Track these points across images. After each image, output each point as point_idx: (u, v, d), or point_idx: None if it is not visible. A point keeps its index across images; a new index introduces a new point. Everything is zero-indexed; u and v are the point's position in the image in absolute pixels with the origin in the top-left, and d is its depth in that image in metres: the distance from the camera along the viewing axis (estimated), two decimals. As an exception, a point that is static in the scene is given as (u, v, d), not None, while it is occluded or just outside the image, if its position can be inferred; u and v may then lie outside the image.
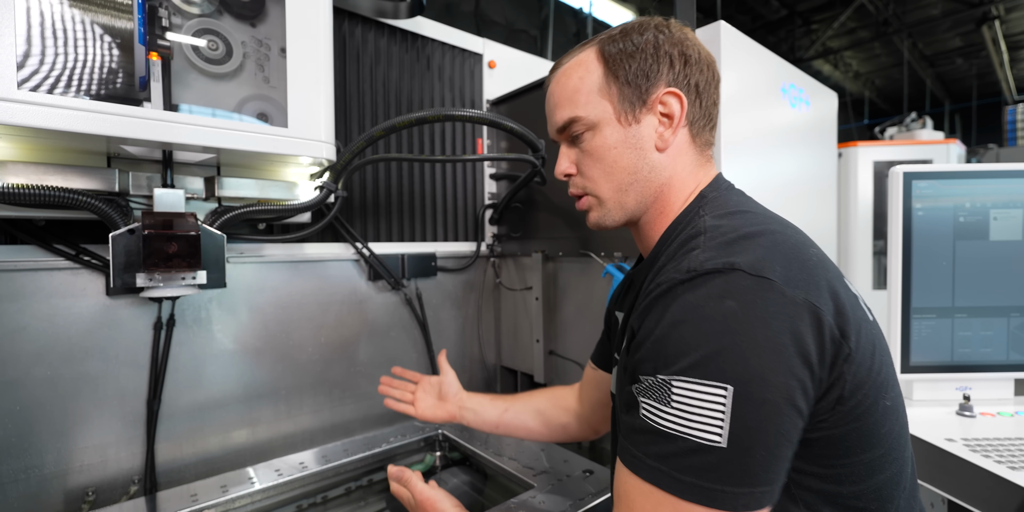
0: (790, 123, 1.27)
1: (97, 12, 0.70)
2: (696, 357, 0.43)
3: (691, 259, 0.48)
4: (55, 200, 0.74)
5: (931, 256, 0.96)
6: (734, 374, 0.42)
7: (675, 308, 0.46)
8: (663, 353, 0.45)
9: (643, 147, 0.58)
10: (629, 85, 0.57)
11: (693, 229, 0.54)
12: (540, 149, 1.12)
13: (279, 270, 1.18)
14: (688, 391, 0.43)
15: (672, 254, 0.53)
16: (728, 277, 0.45)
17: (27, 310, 0.89)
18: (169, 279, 0.81)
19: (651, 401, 0.46)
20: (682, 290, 0.46)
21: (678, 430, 0.43)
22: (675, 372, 0.44)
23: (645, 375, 0.47)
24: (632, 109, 0.58)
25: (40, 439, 0.91)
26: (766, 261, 0.46)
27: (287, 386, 1.21)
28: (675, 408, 0.44)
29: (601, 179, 0.60)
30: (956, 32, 7.58)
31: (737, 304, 0.43)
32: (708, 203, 0.58)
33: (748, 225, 0.52)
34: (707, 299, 0.44)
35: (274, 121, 0.86)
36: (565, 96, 0.60)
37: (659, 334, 0.46)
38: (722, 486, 0.42)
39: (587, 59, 0.59)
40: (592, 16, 5.49)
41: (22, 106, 0.63)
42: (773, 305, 0.43)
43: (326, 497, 1.10)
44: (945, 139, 2.72)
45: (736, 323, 0.43)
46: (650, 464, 0.45)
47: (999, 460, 0.76)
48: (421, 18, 1.34)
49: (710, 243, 0.50)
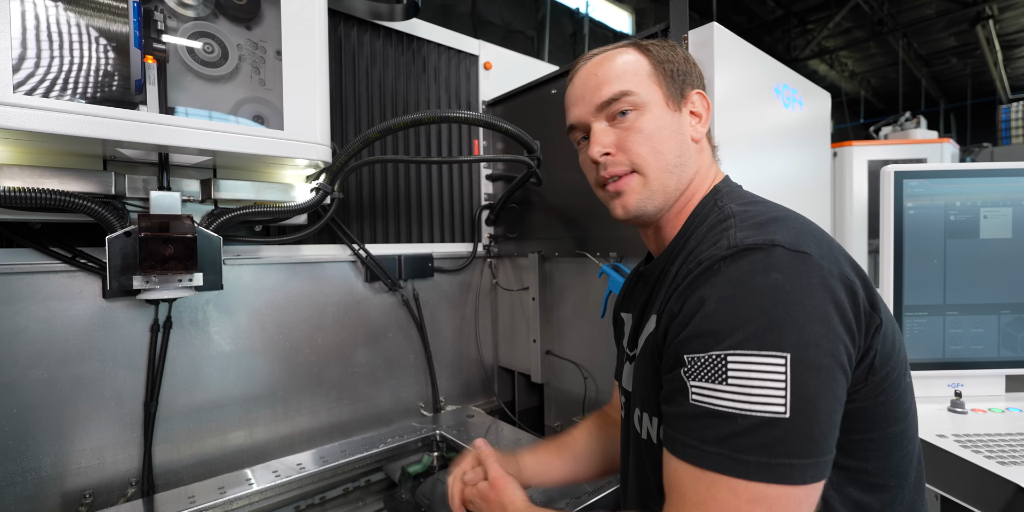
0: (784, 123, 1.28)
1: (92, 16, 0.71)
2: (751, 329, 0.43)
3: (729, 237, 0.49)
4: (51, 203, 0.74)
5: (922, 254, 0.97)
6: (790, 342, 0.42)
7: (720, 283, 0.46)
8: (713, 329, 0.45)
9: (685, 134, 0.62)
10: (673, 79, 0.61)
11: (720, 214, 0.56)
12: (535, 150, 1.12)
13: (276, 272, 1.18)
14: (745, 364, 0.43)
15: (701, 237, 0.55)
16: (770, 252, 0.46)
17: (24, 313, 0.89)
18: (166, 281, 0.81)
19: (703, 382, 0.44)
20: (724, 265, 0.47)
21: (738, 408, 0.42)
22: (730, 346, 0.43)
23: (694, 353, 0.46)
24: (676, 99, 0.61)
25: (37, 442, 0.91)
26: (801, 238, 0.48)
27: (284, 387, 1.21)
28: (732, 384, 0.43)
29: (651, 157, 0.60)
30: (950, 32, 7.62)
31: (783, 276, 0.44)
32: (724, 195, 0.61)
33: (772, 211, 0.54)
34: (752, 273, 0.45)
35: (270, 123, 0.86)
36: (614, 74, 0.61)
37: (708, 310, 0.46)
38: (789, 459, 0.41)
39: (629, 50, 0.62)
40: (589, 17, 5.51)
41: (18, 110, 0.63)
42: (815, 277, 0.45)
43: (324, 498, 1.10)
44: (939, 138, 2.73)
45: (785, 294, 0.43)
46: (709, 450, 0.43)
47: (989, 455, 0.77)
48: (417, 20, 1.35)
49: (743, 224, 0.51)
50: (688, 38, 0.93)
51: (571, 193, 1.29)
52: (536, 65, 1.63)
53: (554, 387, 1.45)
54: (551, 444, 0.83)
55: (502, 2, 5.06)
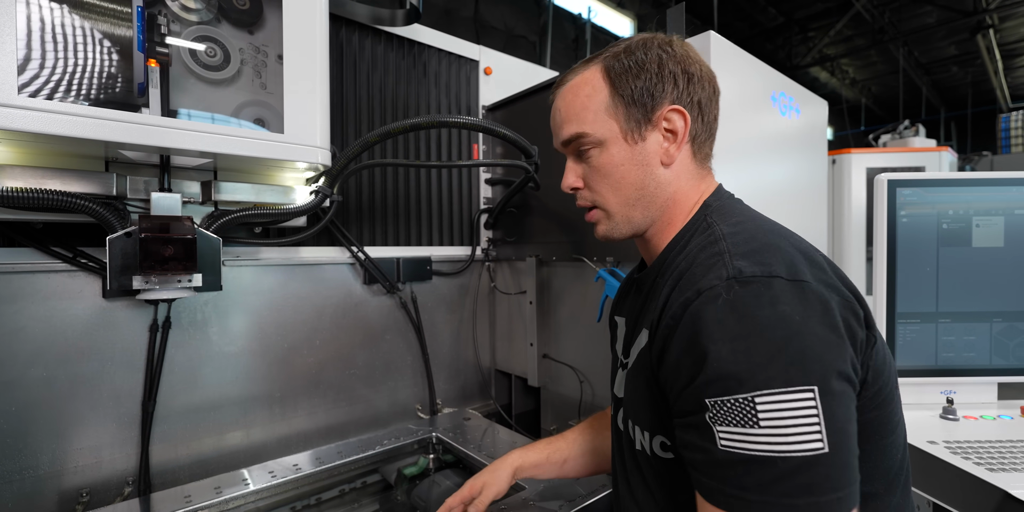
0: (780, 131, 1.29)
1: (97, 20, 0.72)
2: (774, 367, 0.42)
3: (726, 265, 0.48)
4: (53, 203, 0.75)
5: (915, 262, 0.98)
6: (813, 374, 0.42)
7: (728, 321, 0.44)
8: (734, 371, 0.43)
9: (649, 163, 0.60)
10: (635, 104, 0.58)
11: (709, 235, 0.55)
12: (533, 155, 1.13)
13: (275, 273, 1.19)
14: (775, 404, 0.41)
15: (692, 258, 0.53)
16: (770, 284, 0.45)
17: (24, 312, 0.90)
18: (165, 282, 0.82)
19: (732, 427, 0.43)
20: (727, 300, 0.45)
21: (777, 451, 0.41)
22: (755, 387, 0.42)
23: (717, 397, 0.44)
24: (638, 127, 0.59)
25: (35, 440, 0.92)
26: (796, 265, 0.48)
27: (282, 388, 1.21)
28: (765, 426, 0.41)
29: (609, 194, 0.61)
30: (951, 41, 7.67)
31: (789, 308, 0.44)
32: (714, 211, 0.60)
33: (763, 232, 0.53)
34: (759, 308, 0.44)
35: (271, 126, 0.87)
36: (572, 113, 0.62)
37: (723, 352, 0.44)
38: (836, 493, 0.40)
39: (592, 77, 0.61)
40: (591, 22, 5.54)
41: (22, 112, 0.65)
42: (818, 303, 0.45)
43: (320, 499, 1.11)
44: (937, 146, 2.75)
45: (796, 325, 0.43)
46: (754, 499, 0.41)
47: (978, 462, 0.77)
48: (418, 25, 1.36)
49: (736, 249, 0.50)
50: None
51: (568, 198, 1.29)
52: (536, 70, 1.65)
53: (550, 391, 1.45)
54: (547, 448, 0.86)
55: (505, 7, 5.10)
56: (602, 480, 0.98)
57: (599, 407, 1.29)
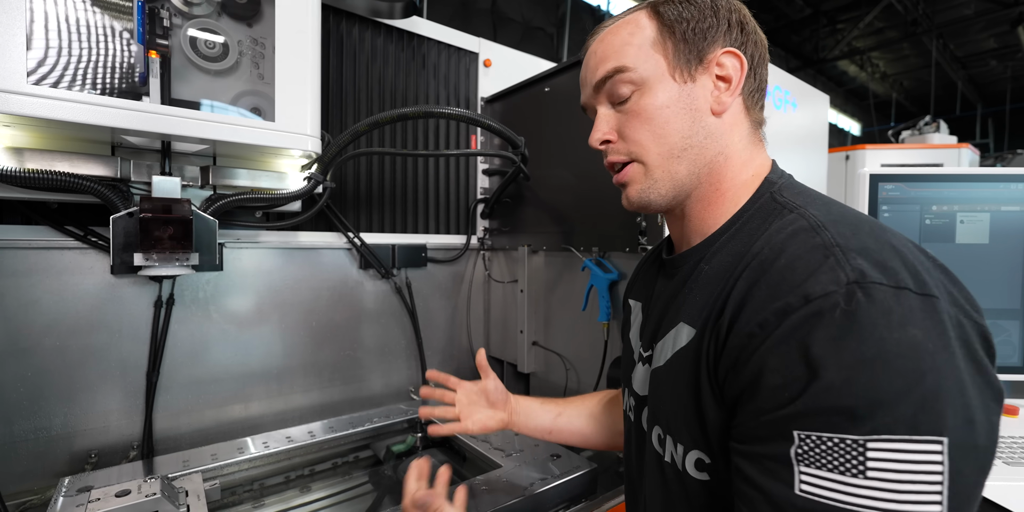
0: (775, 126, 1.28)
1: (100, 12, 0.77)
2: (901, 409, 0.34)
3: (841, 266, 0.38)
4: (63, 184, 0.82)
5: (896, 257, 0.98)
6: (945, 422, 0.34)
7: (849, 342, 0.35)
8: (847, 405, 0.35)
9: (698, 108, 0.52)
10: (685, 41, 0.51)
11: (797, 219, 0.45)
12: (520, 146, 1.16)
13: (274, 256, 1.25)
14: (893, 453, 0.34)
15: (780, 247, 0.43)
16: (899, 297, 0.36)
17: (39, 285, 0.97)
18: (165, 259, 0.88)
19: (825, 472, 0.35)
20: (846, 314, 0.36)
21: (881, 507, 0.34)
22: (872, 430, 0.34)
23: (814, 432, 0.36)
24: (688, 66, 0.51)
25: (49, 403, 1.00)
26: (921, 274, 0.38)
27: (279, 366, 1.28)
28: (874, 479, 0.34)
29: (650, 143, 0.52)
30: (990, 33, 7.33)
31: (922, 333, 0.35)
32: (783, 189, 0.51)
33: (868, 224, 0.44)
34: (889, 330, 0.35)
35: (266, 115, 0.92)
36: (612, 50, 0.54)
37: (835, 381, 0.35)
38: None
39: (637, 17, 0.54)
40: (610, 13, 5.48)
41: (31, 99, 0.70)
42: (952, 329, 0.36)
43: (313, 470, 1.17)
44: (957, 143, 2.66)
45: (929, 357, 0.34)
46: None
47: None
48: (417, 18, 1.39)
49: (848, 244, 0.40)
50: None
51: (559, 189, 1.32)
52: (535, 62, 1.66)
53: (540, 377, 1.49)
54: (546, 400, 0.86)
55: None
56: (576, 462, 1.02)
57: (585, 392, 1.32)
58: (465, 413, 0.82)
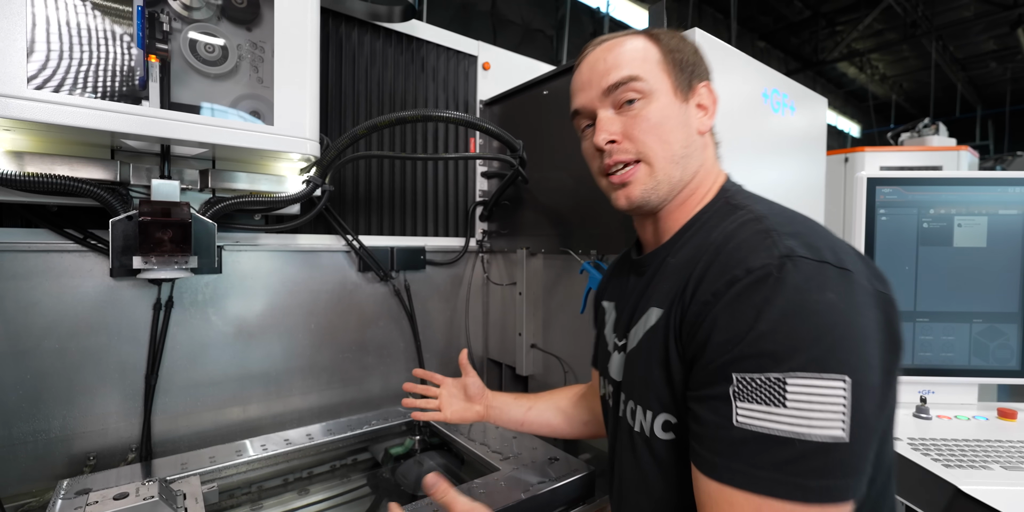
0: (772, 129, 1.28)
1: (101, 18, 0.77)
2: (813, 352, 0.42)
3: (776, 245, 0.47)
4: (63, 188, 0.82)
5: (893, 260, 0.98)
6: (849, 364, 0.42)
7: (777, 300, 0.44)
8: (771, 349, 0.43)
9: (691, 126, 0.61)
10: (681, 70, 0.60)
11: (746, 213, 0.54)
12: (518, 149, 1.16)
13: (273, 259, 1.25)
14: (806, 387, 0.42)
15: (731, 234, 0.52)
16: (821, 268, 0.45)
17: (39, 288, 0.98)
18: (164, 263, 0.88)
19: (755, 405, 0.43)
20: (777, 280, 0.45)
21: (797, 432, 0.41)
22: (790, 368, 0.42)
23: (747, 373, 0.44)
24: (684, 89, 0.61)
25: (48, 406, 1.00)
26: (840, 254, 0.47)
27: (278, 369, 1.28)
28: (792, 408, 0.42)
29: (657, 146, 0.59)
30: (990, 35, 7.34)
31: (836, 296, 0.44)
32: (734, 195, 0.61)
33: (800, 217, 0.54)
34: (808, 292, 0.44)
35: (266, 119, 0.92)
36: (624, 59, 0.60)
37: (764, 329, 0.44)
38: (846, 479, 0.41)
39: (640, 39, 0.62)
40: (609, 16, 5.50)
41: (32, 103, 0.71)
42: (861, 295, 0.45)
43: (311, 472, 1.17)
44: (957, 146, 2.66)
45: (840, 315, 0.43)
46: (764, 476, 0.42)
47: (936, 458, 0.78)
48: (416, 21, 1.40)
49: (783, 229, 0.50)
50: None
51: (557, 192, 1.32)
52: (534, 65, 1.67)
53: (538, 380, 1.49)
54: (519, 395, 0.98)
55: (522, 1, 5.09)
56: (574, 465, 1.02)
57: (582, 397, 1.32)
58: (445, 404, 0.93)
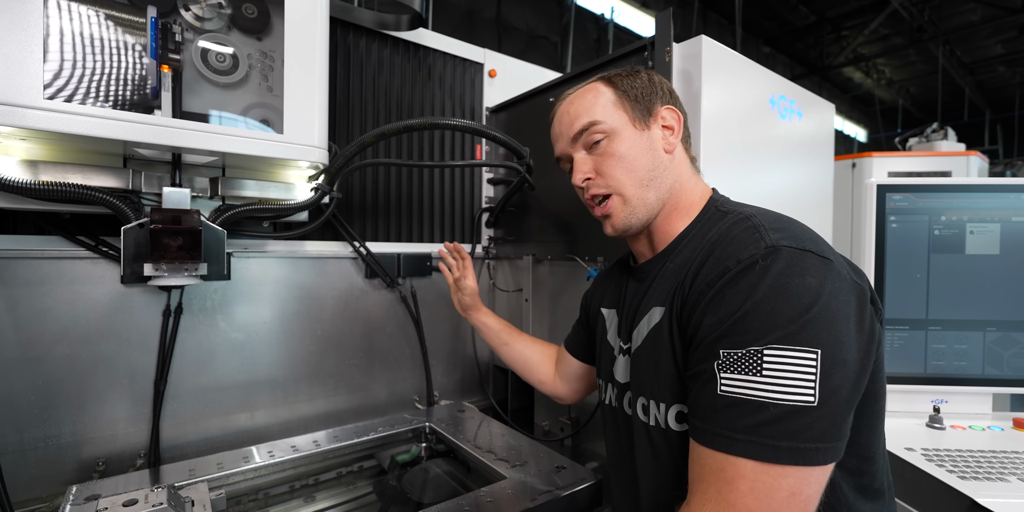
0: (780, 135, 1.28)
1: (115, 29, 0.79)
2: (792, 327, 0.47)
3: (764, 236, 0.54)
4: (76, 196, 0.83)
5: (905, 268, 0.97)
6: (821, 339, 0.47)
7: (761, 284, 0.50)
8: (753, 327, 0.49)
9: (655, 148, 0.68)
10: (637, 101, 0.68)
11: (737, 216, 0.61)
12: (525, 156, 1.17)
13: (281, 265, 1.26)
14: (780, 358, 0.47)
15: (724, 233, 0.59)
16: (803, 256, 0.51)
17: (51, 294, 0.99)
18: (174, 270, 0.89)
19: (736, 374, 0.49)
20: (764, 265, 0.51)
21: (771, 397, 0.47)
22: (769, 342, 0.48)
23: (731, 348, 0.50)
24: (643, 118, 0.68)
25: (59, 411, 1.00)
26: (820, 245, 0.54)
27: (284, 375, 1.28)
28: (767, 376, 0.47)
29: (624, 176, 0.67)
30: (997, 39, 7.30)
31: (815, 280, 0.49)
32: (723, 203, 0.67)
33: (785, 217, 0.60)
34: (790, 277, 0.50)
35: (275, 127, 0.93)
36: (583, 109, 0.69)
37: (748, 309, 0.49)
38: (815, 444, 0.46)
39: (594, 86, 0.71)
40: (613, 22, 5.52)
41: (47, 113, 0.72)
42: (838, 281, 0.50)
43: (317, 479, 1.17)
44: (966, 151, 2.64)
45: (817, 296, 0.48)
46: (740, 438, 0.47)
47: (952, 470, 0.77)
48: (423, 29, 1.41)
49: (770, 225, 0.56)
50: (671, 51, 0.96)
51: (564, 199, 1.33)
52: (540, 72, 1.68)
53: (544, 387, 1.48)
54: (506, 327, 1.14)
55: (526, 8, 5.13)
56: (582, 473, 1.01)
57: (589, 404, 1.32)
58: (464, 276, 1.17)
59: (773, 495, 0.45)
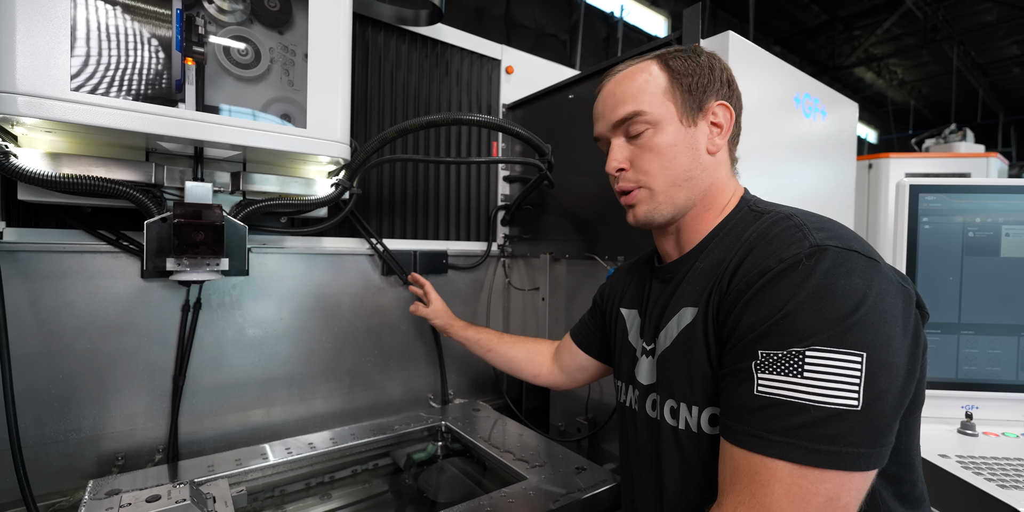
0: (804, 134, 1.26)
1: (140, 21, 0.78)
2: (838, 329, 0.45)
3: (807, 237, 0.52)
4: (99, 189, 0.82)
5: (937, 270, 0.95)
6: (867, 342, 0.45)
7: (806, 284, 0.48)
8: (796, 328, 0.47)
9: (698, 148, 0.64)
10: (690, 93, 0.64)
11: (775, 215, 0.58)
12: (546, 153, 1.15)
13: (298, 261, 1.25)
14: (824, 360, 0.45)
15: (764, 232, 0.57)
16: (849, 256, 0.49)
17: (73, 288, 0.98)
18: (195, 265, 0.88)
19: (775, 375, 0.47)
20: (807, 267, 0.49)
21: (812, 400, 0.45)
22: (813, 343, 0.46)
23: (771, 349, 0.48)
24: (692, 113, 0.64)
25: (79, 405, 1.00)
26: (867, 245, 0.52)
27: (301, 371, 1.28)
28: (808, 378, 0.45)
29: (658, 173, 0.64)
30: (1013, 39, 7.20)
31: (862, 281, 0.47)
32: (756, 204, 0.65)
33: (825, 217, 0.57)
34: (836, 277, 0.48)
35: (296, 122, 0.92)
36: (630, 93, 0.65)
37: (791, 309, 0.47)
38: (857, 448, 0.44)
39: (649, 66, 0.66)
40: (623, 20, 5.48)
41: (73, 105, 0.71)
42: (885, 283, 0.48)
43: (333, 477, 1.16)
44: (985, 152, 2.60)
45: (865, 298, 0.46)
46: (777, 439, 0.45)
47: (990, 478, 0.75)
48: (441, 25, 1.40)
49: (812, 224, 0.54)
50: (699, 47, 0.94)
51: (583, 196, 1.31)
52: (557, 69, 1.66)
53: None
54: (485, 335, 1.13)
55: (536, 6, 5.10)
56: (603, 475, 1.00)
57: (606, 404, 1.30)
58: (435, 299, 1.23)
59: (810, 500, 0.44)
